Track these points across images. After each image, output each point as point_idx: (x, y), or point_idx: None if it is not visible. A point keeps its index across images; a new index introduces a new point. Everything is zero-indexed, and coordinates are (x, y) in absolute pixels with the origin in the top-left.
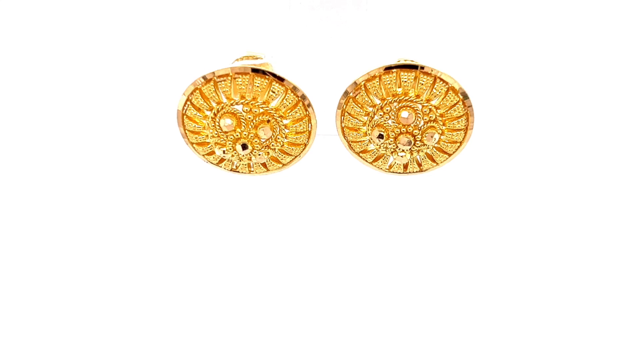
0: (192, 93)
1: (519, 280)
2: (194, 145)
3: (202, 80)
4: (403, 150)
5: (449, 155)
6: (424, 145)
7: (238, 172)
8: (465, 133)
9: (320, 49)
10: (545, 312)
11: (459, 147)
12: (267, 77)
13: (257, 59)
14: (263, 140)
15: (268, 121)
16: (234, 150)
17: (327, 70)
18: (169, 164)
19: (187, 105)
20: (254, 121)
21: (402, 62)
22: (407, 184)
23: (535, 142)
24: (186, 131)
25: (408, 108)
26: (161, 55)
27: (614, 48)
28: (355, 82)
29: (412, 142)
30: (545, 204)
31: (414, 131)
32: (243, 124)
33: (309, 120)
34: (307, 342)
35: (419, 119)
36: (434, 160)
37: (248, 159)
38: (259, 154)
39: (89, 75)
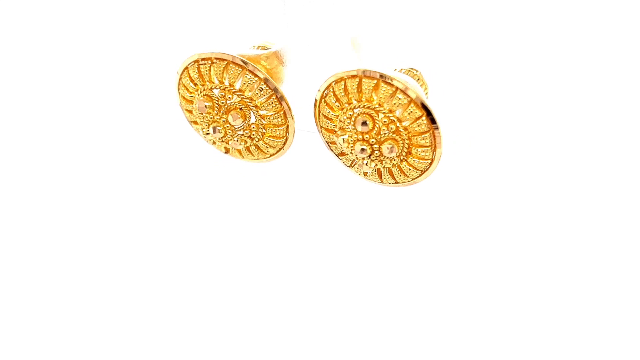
0: (182, 72)
1: (491, 286)
2: (192, 123)
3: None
4: (364, 158)
5: (421, 172)
6: (383, 156)
7: (229, 154)
8: (434, 151)
9: (312, 43)
10: (521, 323)
11: (430, 164)
12: (240, 66)
13: (266, 49)
14: (237, 127)
15: (240, 109)
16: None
17: (318, 65)
18: (164, 147)
19: (180, 84)
20: (226, 106)
21: (364, 68)
22: (384, 191)
23: (524, 157)
24: (184, 110)
25: (367, 115)
26: (172, 44)
27: (597, 61)
28: (324, 84)
29: (369, 151)
30: (531, 217)
31: (371, 140)
32: (216, 108)
33: (285, 114)
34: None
35: (378, 129)
36: (406, 175)
37: (225, 143)
38: (235, 140)
39: (112, 58)
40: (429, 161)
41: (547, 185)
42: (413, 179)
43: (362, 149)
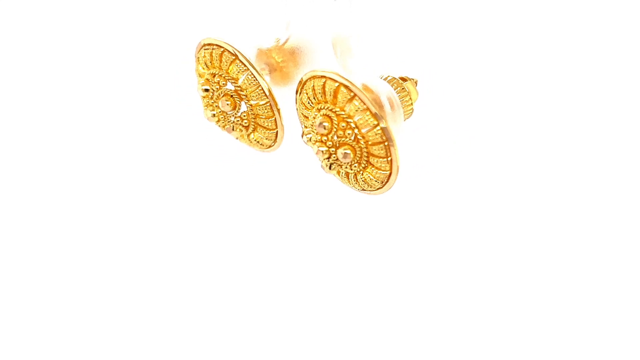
0: (196, 56)
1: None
2: None
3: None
4: (323, 161)
5: (382, 184)
6: (339, 161)
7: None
8: (390, 164)
9: (312, 41)
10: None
11: (388, 177)
12: (232, 54)
13: (278, 40)
14: (228, 114)
15: (231, 96)
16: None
17: (318, 62)
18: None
19: (196, 67)
20: (219, 92)
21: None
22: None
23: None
24: None
25: (327, 117)
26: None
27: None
28: (301, 80)
29: (327, 154)
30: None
31: (328, 142)
32: (210, 93)
33: (271, 106)
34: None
35: (335, 132)
36: (369, 185)
37: (222, 127)
38: (230, 126)
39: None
40: (387, 173)
41: (546, 185)
42: (377, 189)
43: (319, 151)
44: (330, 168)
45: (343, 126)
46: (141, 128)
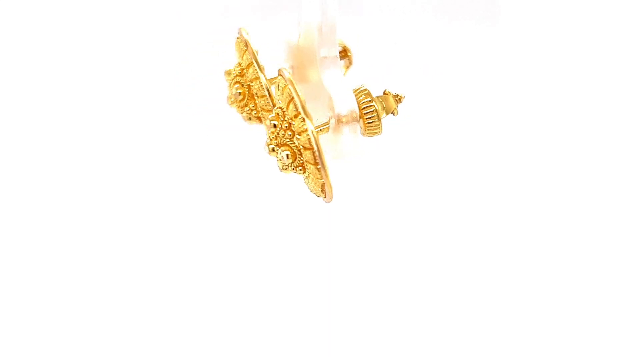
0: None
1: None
2: None
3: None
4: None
5: (323, 193)
6: (282, 162)
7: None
8: (319, 172)
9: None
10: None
11: (322, 186)
12: (245, 44)
13: None
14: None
15: (242, 85)
16: None
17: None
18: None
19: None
20: (233, 81)
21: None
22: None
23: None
24: None
25: (277, 116)
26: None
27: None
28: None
29: (274, 153)
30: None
31: (274, 141)
32: (230, 79)
33: (267, 102)
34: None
35: (279, 131)
36: (317, 193)
37: (240, 113)
38: (245, 115)
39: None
40: (322, 182)
41: (543, 188)
42: (324, 197)
43: (269, 148)
44: (283, 169)
45: (285, 127)
46: (141, 127)
